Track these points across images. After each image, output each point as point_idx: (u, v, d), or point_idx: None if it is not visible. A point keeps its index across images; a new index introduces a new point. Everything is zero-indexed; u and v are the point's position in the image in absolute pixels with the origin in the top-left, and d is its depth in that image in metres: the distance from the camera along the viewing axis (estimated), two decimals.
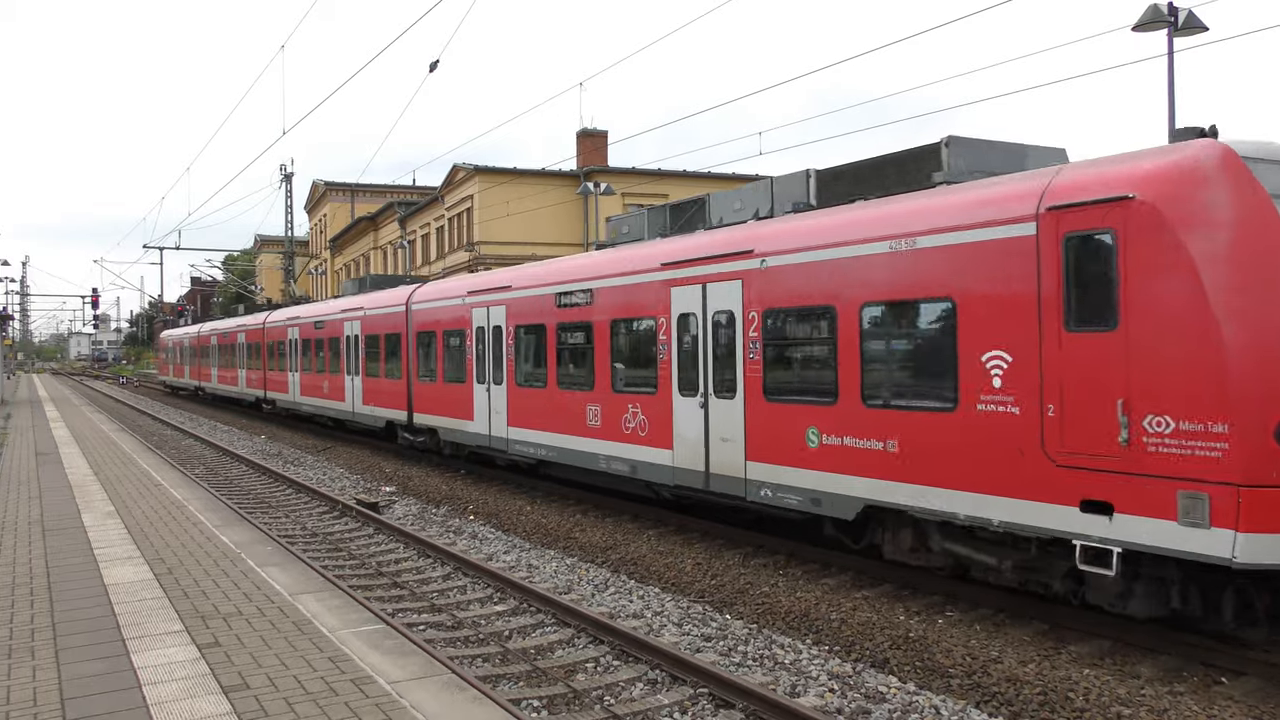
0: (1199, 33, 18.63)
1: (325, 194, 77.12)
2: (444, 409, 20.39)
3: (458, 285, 20.31)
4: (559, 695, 8.07)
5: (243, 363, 38.28)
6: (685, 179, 47.96)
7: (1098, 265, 7.98)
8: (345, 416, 26.88)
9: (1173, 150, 7.92)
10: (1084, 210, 8.05)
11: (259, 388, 36.10)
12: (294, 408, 31.94)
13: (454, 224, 51.78)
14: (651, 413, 13.63)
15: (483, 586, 11.66)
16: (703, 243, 13.02)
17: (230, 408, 43.46)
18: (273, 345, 33.87)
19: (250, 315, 40.21)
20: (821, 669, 8.62)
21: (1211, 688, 7.75)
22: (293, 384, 31.72)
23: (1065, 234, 8.18)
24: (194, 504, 13.83)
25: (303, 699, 5.92)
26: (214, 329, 44.11)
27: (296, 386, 31.32)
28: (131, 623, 7.59)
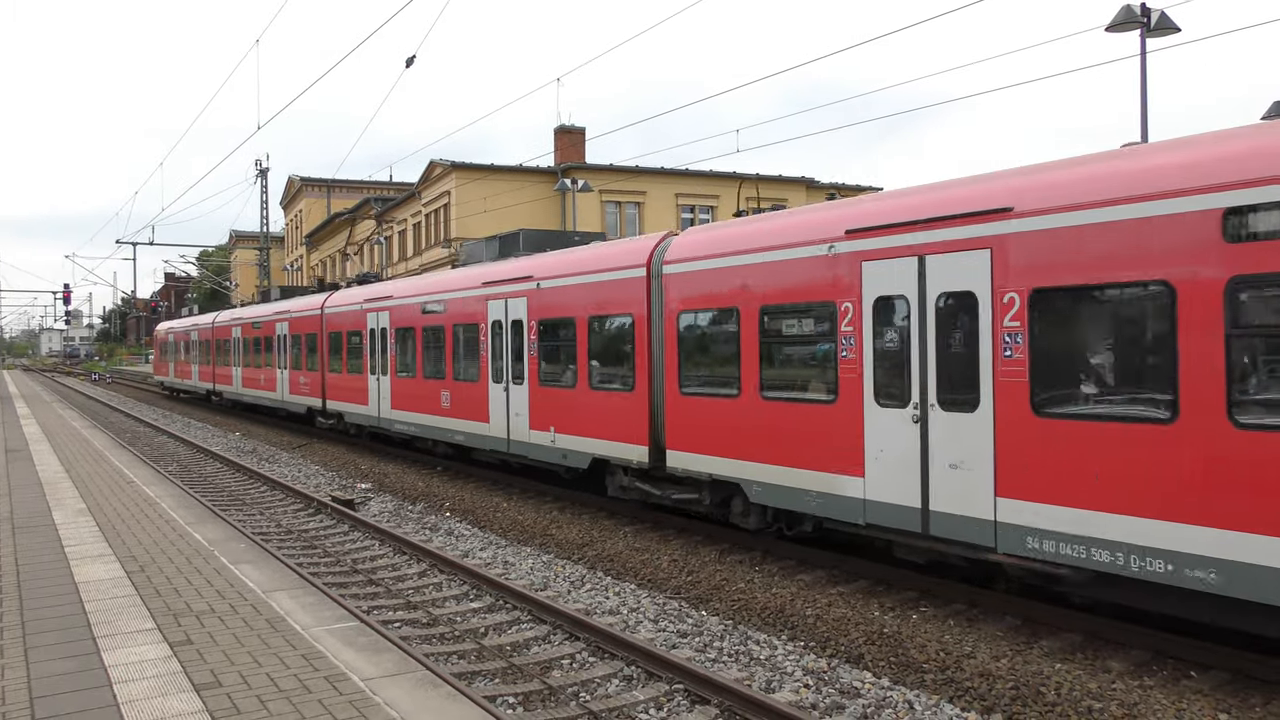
0: (1171, 33, 18.80)
1: (301, 189, 76.64)
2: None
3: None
4: (534, 692, 8.06)
5: (284, 360, 30.08)
6: (662, 175, 47.99)
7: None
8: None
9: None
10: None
11: (311, 394, 27.21)
12: (384, 426, 22.48)
13: (431, 220, 51.58)
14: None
15: (458, 583, 11.63)
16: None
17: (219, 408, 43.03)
18: (338, 338, 25.19)
19: (292, 299, 31.37)
20: (797, 665, 8.66)
21: (1180, 681, 7.84)
22: (380, 392, 22.52)
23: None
24: (166, 501, 13.71)
25: (276, 696, 5.88)
26: (236, 317, 36.65)
27: (384, 396, 22.37)
28: (102, 621, 7.52)
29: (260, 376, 32.13)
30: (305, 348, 27.65)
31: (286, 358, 29.35)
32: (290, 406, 29.26)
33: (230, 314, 38.25)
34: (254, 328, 32.90)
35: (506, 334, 17.06)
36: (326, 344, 25.91)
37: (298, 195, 78.38)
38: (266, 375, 31.41)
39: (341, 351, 24.74)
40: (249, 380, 33.51)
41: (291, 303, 29.79)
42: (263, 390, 31.88)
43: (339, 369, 24.93)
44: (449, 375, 18.96)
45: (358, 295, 24.18)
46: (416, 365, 20.37)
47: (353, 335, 23.80)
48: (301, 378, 27.73)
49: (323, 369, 26.15)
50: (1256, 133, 7.56)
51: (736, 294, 11.78)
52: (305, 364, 27.57)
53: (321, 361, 26.12)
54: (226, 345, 36.77)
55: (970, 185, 9.42)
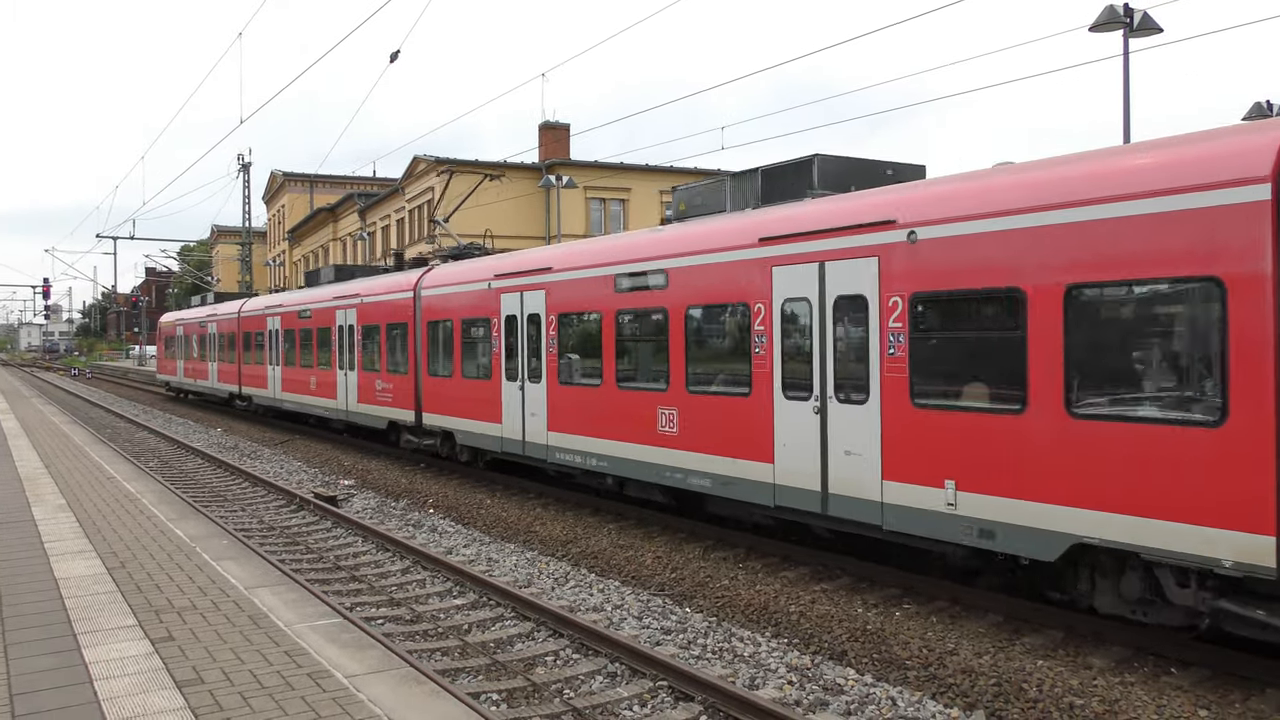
0: (1154, 34, 18.92)
1: (284, 184, 76.24)
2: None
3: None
4: (518, 688, 8.05)
5: (350, 359, 23.24)
6: (647, 173, 47.98)
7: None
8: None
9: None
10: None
11: (398, 404, 20.80)
12: (534, 454, 16.01)
13: (415, 215, 51.41)
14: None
15: (442, 580, 11.60)
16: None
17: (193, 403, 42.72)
18: (443, 329, 19.07)
19: (360, 279, 24.60)
20: (780, 661, 8.67)
21: (1161, 678, 7.89)
22: (525, 405, 16.15)
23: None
24: (148, 497, 13.62)
25: (258, 693, 5.85)
26: (273, 305, 29.38)
27: (535, 411, 15.97)
28: (83, 617, 7.47)
29: (310, 379, 25.57)
30: (386, 342, 21.20)
31: (354, 355, 22.80)
32: (359, 419, 22.73)
33: (263, 301, 31.26)
34: (301, 317, 26.20)
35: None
36: (423, 337, 19.62)
37: (280, 190, 77.98)
38: (321, 378, 24.83)
39: (450, 347, 18.55)
40: (293, 383, 27.02)
41: (362, 284, 23.14)
42: (314, 396, 25.45)
43: (445, 371, 18.71)
44: (679, 384, 12.60)
45: (478, 270, 17.93)
46: (606, 369, 13.83)
47: (472, 325, 17.77)
48: (379, 382, 21.25)
49: (416, 371, 19.80)
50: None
51: (451, 311, 18.44)
52: (385, 364, 21.13)
53: (415, 361, 19.75)
54: (259, 339, 29.99)
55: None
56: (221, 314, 35.20)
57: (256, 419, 32.25)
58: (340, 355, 23.76)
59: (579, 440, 14.54)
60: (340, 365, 23.71)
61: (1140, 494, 7.66)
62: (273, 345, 28.80)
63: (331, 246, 65.11)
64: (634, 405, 13.34)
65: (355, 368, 22.65)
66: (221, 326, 34.97)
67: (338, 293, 24.03)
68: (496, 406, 16.84)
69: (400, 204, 53.17)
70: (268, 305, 29.83)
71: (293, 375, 27.27)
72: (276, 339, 28.35)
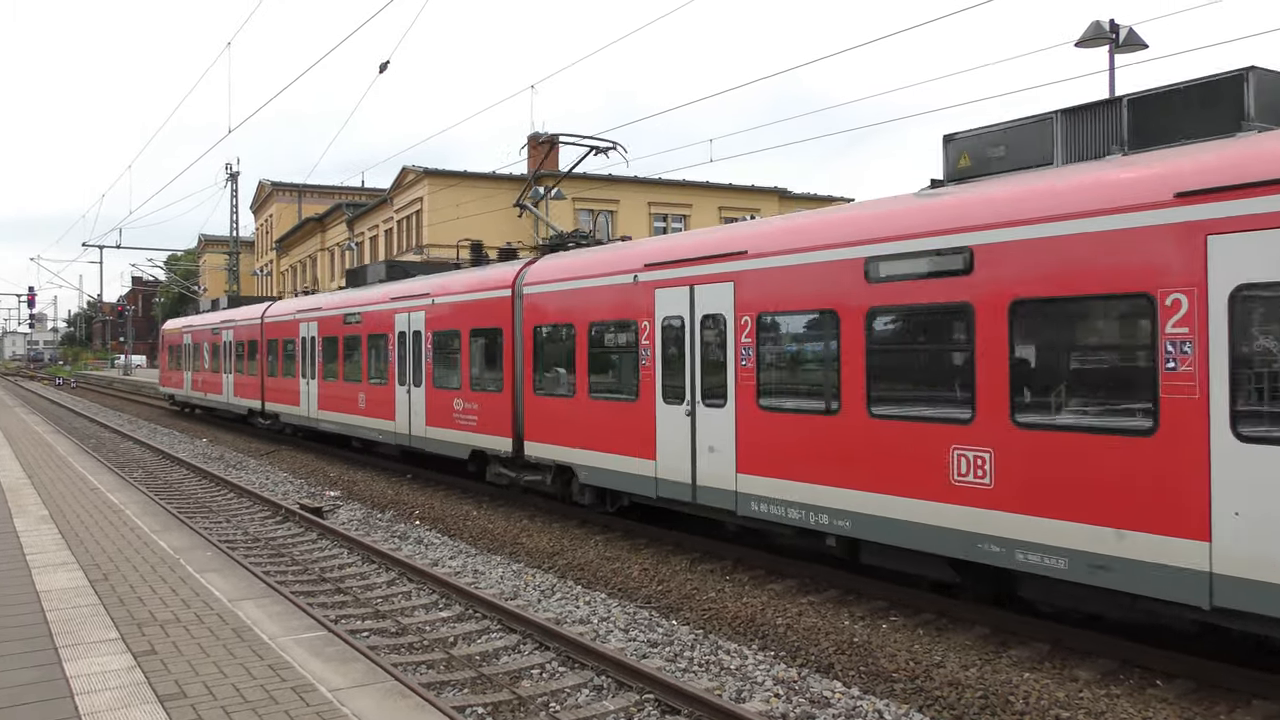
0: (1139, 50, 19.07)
1: (272, 194, 76.10)
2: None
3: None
4: (504, 702, 8.01)
5: (415, 373, 19.22)
6: (635, 185, 48.03)
7: None
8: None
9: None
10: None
11: (487, 429, 16.88)
12: (714, 502, 12.60)
13: (403, 226, 51.37)
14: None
15: (428, 592, 11.55)
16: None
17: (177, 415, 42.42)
18: (551, 336, 15.55)
19: (430, 276, 20.41)
20: (767, 674, 8.65)
21: (1147, 690, 7.91)
22: (687, 434, 12.74)
23: None
24: (131, 508, 13.53)
25: (241, 707, 5.81)
26: (307, 309, 25.43)
27: (717, 444, 12.57)
28: (64, 630, 7.40)
29: (358, 396, 21.69)
30: (469, 352, 17.29)
31: (420, 368, 18.89)
32: (429, 446, 18.65)
33: (293, 304, 27.36)
34: (348, 322, 22.23)
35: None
36: (526, 346, 15.59)
37: (268, 200, 77.82)
38: (374, 395, 20.90)
39: (569, 358, 14.74)
40: (334, 400, 23.10)
41: (432, 282, 19.23)
42: (364, 416, 21.49)
43: (561, 389, 14.86)
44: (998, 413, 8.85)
45: (615, 259, 14.02)
46: (850, 389, 10.09)
47: (606, 331, 13.95)
48: (459, 401, 17.36)
49: (515, 388, 15.86)
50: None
51: (573, 313, 14.65)
52: (468, 379, 17.26)
53: (513, 376, 15.86)
54: (289, 348, 26.23)
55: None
56: (240, 320, 31.07)
57: (242, 430, 31.96)
58: (401, 368, 19.60)
59: (793, 488, 10.74)
60: (401, 380, 19.54)
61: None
62: (307, 355, 24.78)
63: (319, 257, 64.98)
64: (905, 443, 9.57)
65: (423, 383, 18.70)
66: (240, 333, 30.81)
67: (397, 293, 20.07)
68: (647, 437, 12.90)
69: (389, 214, 53.11)
70: (301, 309, 25.70)
71: (334, 391, 23.08)
72: (312, 348, 24.39)
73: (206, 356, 34.93)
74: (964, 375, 9.03)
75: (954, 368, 9.30)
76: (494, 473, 16.97)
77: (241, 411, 31.17)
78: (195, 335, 36.60)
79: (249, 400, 29.95)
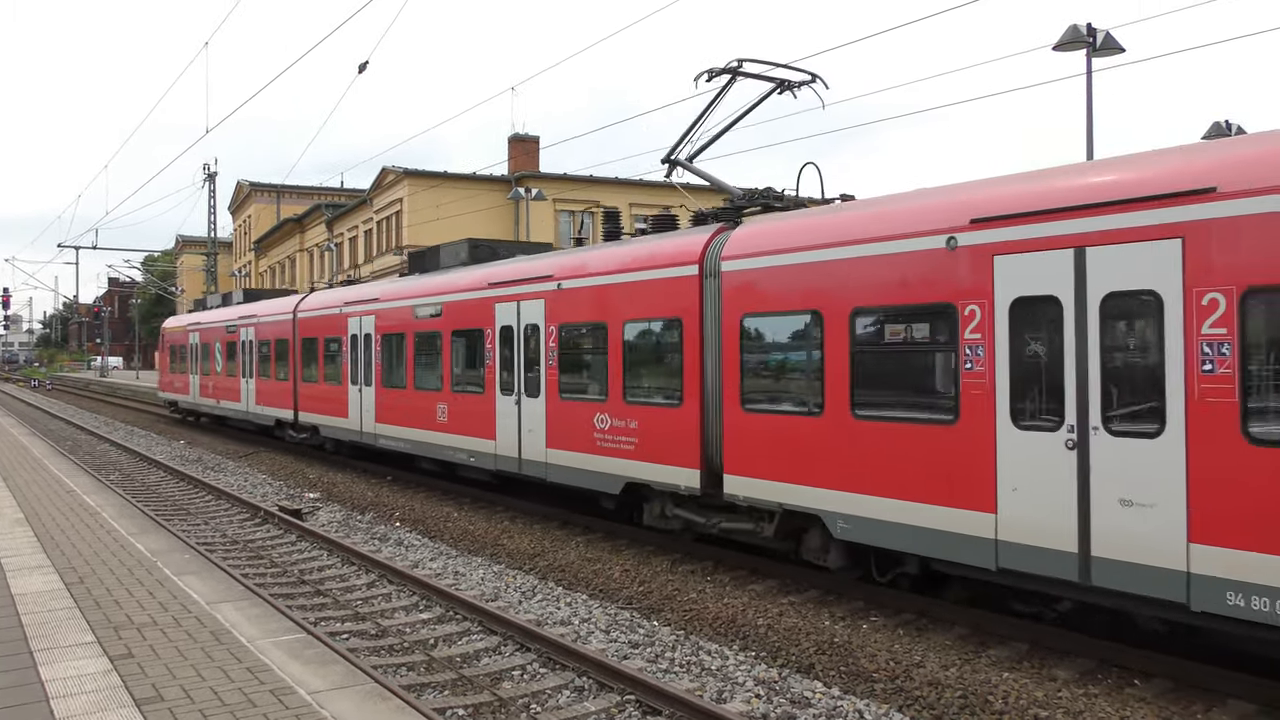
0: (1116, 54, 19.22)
1: (250, 194, 75.70)
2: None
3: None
4: (484, 703, 7.99)
5: (538, 379, 14.86)
6: (616, 185, 48.04)
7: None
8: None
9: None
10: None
11: (651, 455, 12.68)
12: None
13: (383, 227, 51.21)
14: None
15: (408, 594, 11.51)
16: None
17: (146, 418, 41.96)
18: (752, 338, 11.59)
19: (554, 255, 16.48)
20: (748, 675, 8.67)
21: (1125, 689, 7.96)
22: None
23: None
24: (108, 511, 13.42)
25: (219, 710, 5.77)
26: (356, 301, 21.32)
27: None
28: (40, 634, 7.33)
29: (436, 407, 17.57)
30: (624, 354, 13.06)
31: (541, 373, 14.64)
32: (555, 475, 14.33)
33: (338, 295, 22.96)
34: (421, 316, 18.32)
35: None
36: (727, 343, 11.42)
37: (246, 200, 77.41)
38: (460, 406, 16.90)
39: (809, 366, 10.53)
40: (400, 411, 19.02)
41: (554, 261, 15.11)
42: (445, 433, 17.32)
43: (780, 402, 10.97)
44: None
45: (913, 210, 9.62)
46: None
47: (897, 320, 9.74)
48: (604, 418, 13.24)
49: (701, 400, 11.85)
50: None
51: (822, 295, 10.78)
52: (619, 386, 13.05)
53: (698, 385, 11.89)
54: (332, 348, 22.15)
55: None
56: (265, 315, 26.75)
57: (220, 431, 31.69)
58: (507, 372, 15.48)
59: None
60: (506, 388, 15.48)
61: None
62: (360, 356, 20.71)
63: (299, 258, 64.67)
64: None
65: (542, 392, 14.57)
66: (264, 331, 26.56)
67: (498, 277, 15.90)
68: (976, 478, 8.73)
69: (368, 215, 52.93)
70: (350, 301, 21.60)
71: (399, 401, 19.01)
72: (367, 347, 20.44)
73: (219, 358, 30.18)
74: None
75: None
76: (661, 515, 12.81)
77: (265, 422, 26.62)
78: (205, 334, 31.93)
79: (276, 409, 25.40)
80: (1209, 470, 7.26)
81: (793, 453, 10.55)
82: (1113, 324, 7.91)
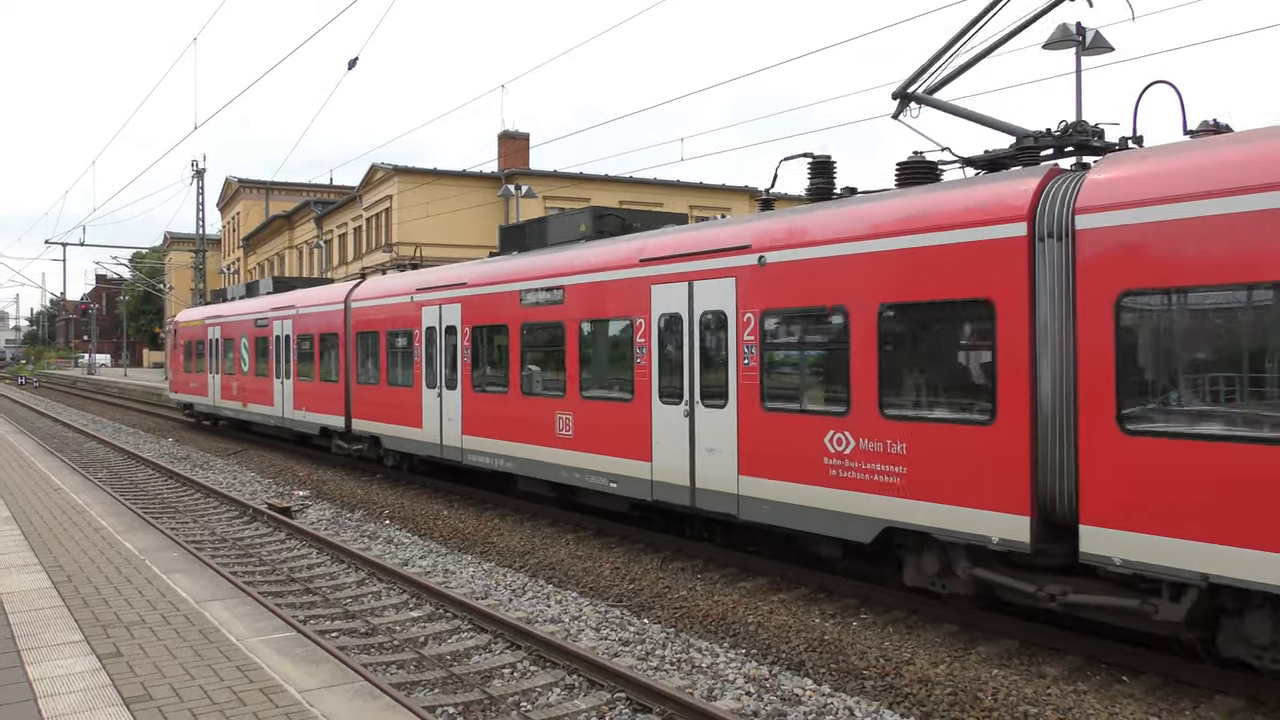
0: (1105, 52, 19.27)
1: (239, 191, 75.37)
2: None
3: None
4: (475, 701, 7.98)
5: (717, 378, 11.56)
6: (607, 183, 48.00)
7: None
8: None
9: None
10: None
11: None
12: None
13: (372, 224, 51.05)
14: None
15: (398, 592, 11.48)
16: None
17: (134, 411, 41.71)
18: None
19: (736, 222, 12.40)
20: (738, 672, 8.67)
21: (1113, 686, 8.00)
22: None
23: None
24: (96, 509, 13.36)
25: (208, 709, 5.75)
26: (451, 284, 17.27)
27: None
28: (27, 633, 7.29)
29: (556, 418, 14.22)
30: (895, 349, 9.54)
31: (763, 374, 10.96)
32: (753, 513, 11.08)
33: (406, 281, 19.07)
34: (532, 303, 14.84)
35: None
36: (1088, 336, 7.85)
37: (235, 197, 77.08)
38: (598, 418, 13.53)
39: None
40: (502, 421, 15.55)
41: (755, 226, 11.39)
42: (579, 451, 13.84)
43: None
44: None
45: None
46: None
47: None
48: (842, 438, 9.97)
49: (869, 400, 9.63)
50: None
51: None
52: (878, 391, 9.57)
53: (1089, 391, 7.88)
54: (398, 344, 18.61)
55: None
56: (307, 306, 23.27)
57: (209, 429, 31.53)
58: (667, 375, 12.33)
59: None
60: (665, 393, 12.31)
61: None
62: (440, 354, 17.28)
63: (287, 254, 64.44)
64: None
65: (731, 398, 11.30)
66: (305, 324, 23.04)
67: (654, 250, 12.71)
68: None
69: (358, 212, 52.76)
70: (425, 286, 17.97)
71: (500, 409, 15.54)
72: (449, 343, 17.05)
73: (246, 355, 26.79)
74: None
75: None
76: (943, 573, 9.45)
77: (305, 430, 23.27)
78: (228, 328, 28.49)
79: (322, 415, 22.07)
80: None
81: (1236, 500, 7.00)
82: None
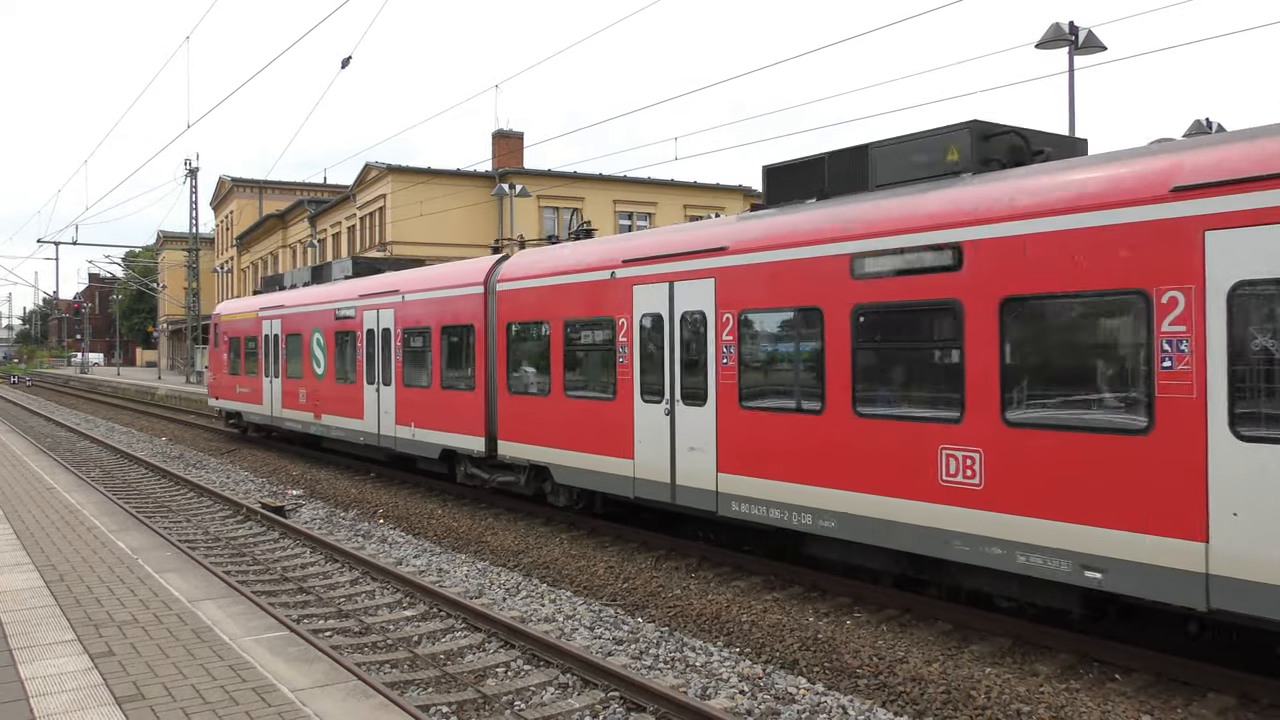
0: (1098, 52, 19.32)
1: (232, 190, 75.21)
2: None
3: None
4: (469, 700, 7.97)
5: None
6: (600, 182, 47.99)
7: None
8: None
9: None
10: None
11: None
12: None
13: (366, 223, 50.99)
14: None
15: (392, 591, 11.47)
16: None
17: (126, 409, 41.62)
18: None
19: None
20: (732, 671, 8.68)
21: (1106, 684, 8.01)
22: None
23: None
24: (89, 508, 13.33)
25: (201, 709, 5.74)
26: (733, 246, 11.05)
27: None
28: (19, 632, 7.27)
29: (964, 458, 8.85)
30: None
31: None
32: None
33: (593, 250, 13.98)
34: (889, 272, 9.21)
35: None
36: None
37: (228, 196, 76.90)
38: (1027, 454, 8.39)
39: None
40: (848, 458, 9.73)
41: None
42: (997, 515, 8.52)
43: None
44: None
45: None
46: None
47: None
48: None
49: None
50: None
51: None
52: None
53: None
54: (586, 344, 13.75)
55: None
56: (418, 291, 18.06)
57: (203, 427, 31.38)
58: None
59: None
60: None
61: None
62: (672, 354, 12.01)
63: (281, 254, 64.31)
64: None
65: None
66: (415, 315, 18.02)
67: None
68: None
69: (351, 211, 52.69)
70: (637, 256, 12.71)
71: (802, 433, 10.27)
72: (689, 339, 11.77)
73: (321, 354, 21.71)
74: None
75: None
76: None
77: (419, 452, 17.85)
78: (292, 321, 23.38)
79: (445, 434, 16.98)
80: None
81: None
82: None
